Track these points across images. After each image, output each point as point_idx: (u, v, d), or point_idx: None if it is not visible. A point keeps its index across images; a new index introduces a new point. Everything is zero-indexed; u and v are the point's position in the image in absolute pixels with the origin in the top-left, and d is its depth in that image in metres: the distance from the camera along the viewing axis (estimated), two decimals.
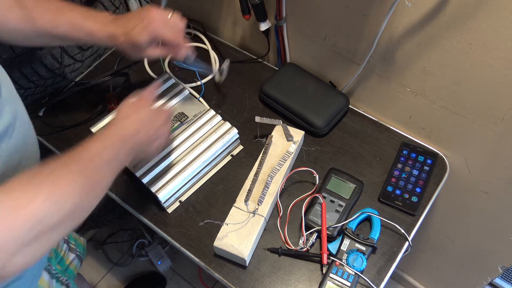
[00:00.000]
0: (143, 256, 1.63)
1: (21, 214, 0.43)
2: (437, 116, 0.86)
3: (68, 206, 0.48)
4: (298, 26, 0.94)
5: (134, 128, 0.65)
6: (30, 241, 0.44)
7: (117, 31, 0.71)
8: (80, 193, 0.50)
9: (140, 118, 0.67)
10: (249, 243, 0.75)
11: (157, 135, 0.70)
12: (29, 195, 0.45)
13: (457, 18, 0.68)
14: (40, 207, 0.45)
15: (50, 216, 0.46)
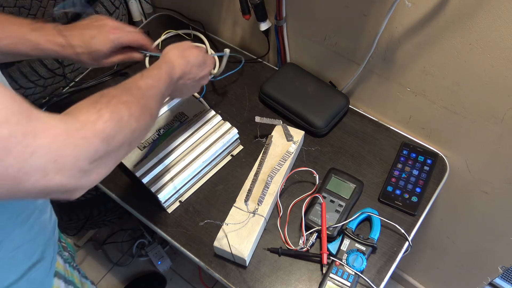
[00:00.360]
0: (143, 256, 1.63)
1: (90, 131, 0.47)
2: (437, 116, 0.86)
3: (127, 128, 0.52)
4: (298, 26, 0.94)
5: (182, 70, 0.69)
6: (99, 158, 0.47)
7: (73, 41, 0.71)
8: (136, 118, 0.54)
9: (188, 63, 0.71)
10: (249, 243, 0.75)
11: (200, 82, 0.76)
12: (94, 116, 0.48)
13: (457, 18, 0.68)
14: (106, 124, 0.48)
15: (114, 135, 0.49)
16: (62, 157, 0.43)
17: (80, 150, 0.45)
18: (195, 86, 0.76)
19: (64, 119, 0.46)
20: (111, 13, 1.05)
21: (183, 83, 0.71)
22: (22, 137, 0.40)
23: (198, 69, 0.74)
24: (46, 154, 0.42)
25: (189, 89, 0.75)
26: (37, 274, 0.64)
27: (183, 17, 1.15)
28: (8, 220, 0.56)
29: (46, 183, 0.42)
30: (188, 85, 0.73)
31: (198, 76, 0.74)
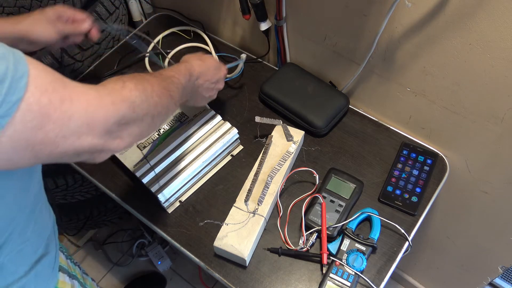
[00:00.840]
0: (143, 256, 1.63)
1: (118, 96, 0.50)
2: (437, 116, 0.86)
3: (151, 99, 0.56)
4: (298, 26, 0.94)
5: (199, 70, 0.73)
6: (125, 122, 0.51)
7: (25, 19, 0.73)
8: (158, 94, 0.57)
9: (205, 64, 0.75)
10: (249, 243, 0.75)
11: (215, 85, 0.79)
12: (120, 84, 0.52)
13: (457, 18, 0.68)
14: (132, 93, 0.52)
15: (139, 103, 0.53)
16: (94, 120, 0.46)
17: (110, 113, 0.48)
18: (211, 89, 0.79)
19: (94, 87, 0.49)
20: (111, 13, 1.05)
21: (201, 83, 0.74)
22: (60, 103, 0.43)
23: (214, 71, 0.78)
24: (81, 118, 0.45)
25: (206, 91, 0.77)
26: (43, 268, 0.65)
27: (183, 17, 1.15)
28: (18, 212, 0.57)
29: (80, 144, 0.46)
30: (205, 87, 0.76)
31: (214, 79, 0.78)
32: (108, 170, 0.90)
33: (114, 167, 0.90)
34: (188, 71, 0.70)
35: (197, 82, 0.73)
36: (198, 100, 0.79)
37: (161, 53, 1.06)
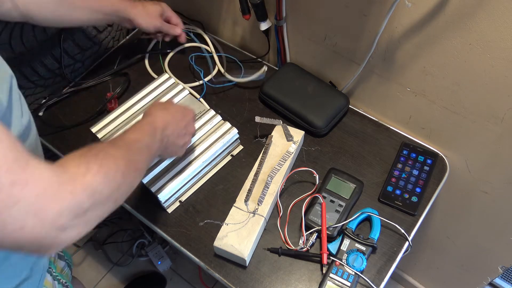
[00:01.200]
0: (143, 256, 1.63)
1: (78, 185, 0.46)
2: (437, 116, 0.86)
3: (114, 182, 0.51)
4: (298, 26, 0.94)
5: (164, 121, 0.69)
6: (82, 213, 0.46)
7: (135, 4, 0.92)
8: (123, 172, 0.54)
9: (169, 113, 0.71)
10: (249, 243, 0.75)
11: (186, 130, 0.74)
12: (84, 168, 0.48)
13: (457, 18, 0.68)
14: (94, 179, 0.48)
15: (101, 190, 0.49)
16: (45, 211, 0.42)
17: (66, 204, 0.44)
18: (183, 136, 0.74)
19: (57, 171, 0.45)
20: None
21: (169, 134, 0.70)
22: (9, 186, 0.40)
23: (181, 117, 0.73)
24: (29, 206, 0.41)
25: (178, 139, 0.73)
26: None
27: (183, 17, 1.15)
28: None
29: (21, 235, 0.41)
30: (176, 136, 0.72)
31: (182, 125, 0.73)
32: None
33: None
34: (151, 127, 0.66)
35: (165, 134, 0.69)
36: (173, 152, 0.75)
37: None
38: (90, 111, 0.98)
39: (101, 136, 0.87)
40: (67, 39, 0.99)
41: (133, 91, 0.97)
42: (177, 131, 0.72)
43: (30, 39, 0.92)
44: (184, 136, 0.74)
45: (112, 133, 0.88)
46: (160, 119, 0.68)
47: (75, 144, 0.93)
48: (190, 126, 0.76)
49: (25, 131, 0.60)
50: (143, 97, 0.93)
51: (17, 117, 0.57)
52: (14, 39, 0.89)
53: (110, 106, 0.97)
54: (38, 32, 0.94)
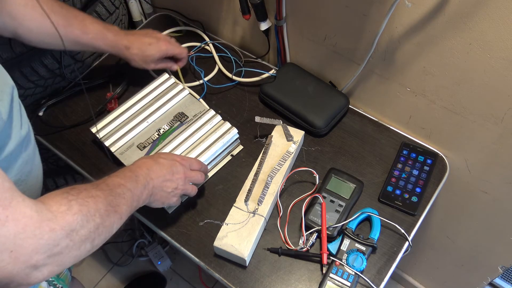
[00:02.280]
0: (143, 256, 1.63)
1: (57, 224, 0.46)
2: (437, 116, 0.86)
3: (93, 223, 0.52)
4: (298, 26, 0.94)
5: (148, 165, 0.69)
6: (58, 252, 0.47)
7: (133, 45, 0.88)
8: (102, 214, 0.54)
9: (153, 159, 0.71)
10: (249, 243, 0.75)
11: (172, 176, 0.72)
12: (65, 206, 0.48)
13: (457, 18, 0.68)
14: (73, 218, 0.48)
15: (79, 229, 0.49)
16: (21, 248, 0.42)
17: (43, 242, 0.44)
18: (170, 182, 0.72)
19: (39, 209, 0.45)
20: (111, 13, 1.05)
21: (153, 177, 0.68)
22: None
23: (168, 161, 0.72)
24: (6, 243, 0.41)
25: (164, 186, 0.71)
26: None
27: (183, 17, 1.15)
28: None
29: None
30: (160, 180, 0.70)
31: (167, 168, 0.71)
32: (108, 170, 0.90)
33: (114, 167, 0.90)
34: (133, 173, 0.65)
35: (149, 178, 0.68)
36: (163, 198, 0.72)
37: None
38: (90, 111, 0.98)
39: (101, 136, 0.87)
40: None
41: (133, 91, 0.97)
42: (162, 175, 0.70)
43: None
44: (171, 181, 0.71)
45: (112, 133, 0.88)
46: (144, 164, 0.69)
47: (75, 144, 0.94)
48: (177, 171, 0.72)
49: (24, 142, 0.60)
50: (143, 97, 0.93)
51: (17, 129, 0.58)
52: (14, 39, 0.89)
53: (110, 106, 0.97)
54: None
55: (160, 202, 0.72)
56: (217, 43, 1.08)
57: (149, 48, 0.89)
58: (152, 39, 0.91)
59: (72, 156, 0.93)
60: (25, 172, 0.63)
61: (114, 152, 0.86)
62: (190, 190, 0.76)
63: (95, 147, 0.93)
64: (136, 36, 0.90)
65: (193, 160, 0.78)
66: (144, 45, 0.89)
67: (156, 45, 0.90)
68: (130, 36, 0.89)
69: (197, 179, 0.77)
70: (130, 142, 0.87)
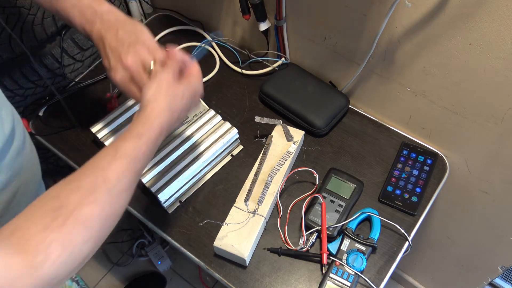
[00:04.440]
0: (143, 256, 1.63)
1: (34, 278, 0.40)
2: (437, 116, 0.86)
3: (79, 258, 0.45)
4: (298, 26, 0.94)
5: (168, 123, 0.58)
6: None
7: (107, 34, 0.63)
8: (95, 240, 0.47)
9: (174, 112, 0.59)
10: (249, 243, 0.75)
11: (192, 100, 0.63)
12: (41, 256, 0.41)
13: (457, 18, 0.68)
14: (53, 266, 0.41)
15: (60, 274, 0.43)
16: None
17: None
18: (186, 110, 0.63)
19: (9, 265, 0.39)
20: None
21: (172, 123, 0.60)
22: None
23: (189, 103, 0.62)
24: None
25: (180, 118, 0.62)
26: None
27: (183, 17, 1.15)
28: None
29: None
30: (177, 119, 0.61)
31: (187, 108, 0.63)
32: None
33: None
34: (152, 141, 0.55)
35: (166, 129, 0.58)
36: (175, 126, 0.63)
37: None
38: (90, 111, 0.98)
39: (101, 136, 0.87)
40: (67, 39, 0.99)
41: None
42: (180, 114, 0.61)
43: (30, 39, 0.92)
44: (188, 108, 0.63)
45: (112, 133, 0.88)
46: (166, 124, 0.57)
47: (75, 144, 0.94)
48: (195, 102, 0.65)
49: (9, 138, 0.58)
50: None
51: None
52: (14, 39, 0.89)
53: (110, 106, 0.97)
54: (38, 32, 0.94)
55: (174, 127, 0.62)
56: (216, 41, 1.08)
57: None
58: (128, 38, 0.64)
59: (72, 156, 0.93)
60: (16, 167, 0.60)
61: None
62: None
63: (95, 147, 0.93)
64: (115, 24, 0.66)
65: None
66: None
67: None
68: (106, 24, 0.65)
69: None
70: None
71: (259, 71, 1.03)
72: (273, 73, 1.00)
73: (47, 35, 0.96)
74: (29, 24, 0.90)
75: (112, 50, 0.61)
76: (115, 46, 0.61)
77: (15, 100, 0.97)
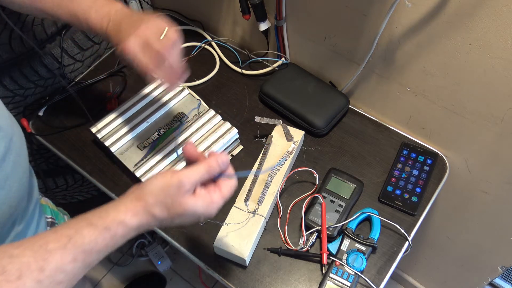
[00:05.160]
0: (143, 256, 1.63)
1: None
2: (437, 116, 0.86)
3: None
4: (298, 26, 0.94)
5: (160, 221, 0.51)
6: None
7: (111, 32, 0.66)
8: None
9: (173, 219, 0.51)
10: (249, 243, 0.75)
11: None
12: None
13: (457, 18, 0.68)
14: None
15: None
16: None
17: None
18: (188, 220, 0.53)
19: None
20: None
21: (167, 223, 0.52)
22: None
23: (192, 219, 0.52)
24: None
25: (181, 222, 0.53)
26: None
27: (183, 17, 1.15)
28: None
29: None
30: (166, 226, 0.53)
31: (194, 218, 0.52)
32: (108, 170, 0.90)
33: (114, 167, 0.90)
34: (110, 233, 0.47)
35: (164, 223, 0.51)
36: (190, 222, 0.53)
37: None
38: (90, 111, 0.98)
39: (101, 136, 0.87)
40: (67, 39, 1.00)
41: (133, 91, 0.97)
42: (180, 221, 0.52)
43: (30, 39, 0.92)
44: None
45: (112, 133, 0.87)
46: (154, 223, 0.50)
47: (75, 144, 0.94)
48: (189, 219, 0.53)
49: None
50: (143, 97, 0.93)
51: None
52: (14, 39, 0.89)
53: (110, 106, 0.97)
54: (38, 32, 0.94)
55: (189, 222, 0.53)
56: (216, 40, 1.08)
57: (125, 34, 0.65)
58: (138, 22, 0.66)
59: (72, 156, 0.93)
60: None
61: (114, 152, 0.86)
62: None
63: (95, 147, 0.93)
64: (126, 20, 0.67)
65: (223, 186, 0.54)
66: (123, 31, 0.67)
67: (135, 30, 0.65)
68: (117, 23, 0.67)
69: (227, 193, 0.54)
70: (130, 142, 0.87)
71: (259, 71, 1.03)
72: (273, 73, 1.00)
73: (47, 35, 0.96)
74: (29, 24, 0.90)
75: (126, 28, 0.63)
76: (128, 24, 0.64)
77: (15, 100, 0.97)
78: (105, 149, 0.88)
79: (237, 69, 1.04)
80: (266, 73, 1.03)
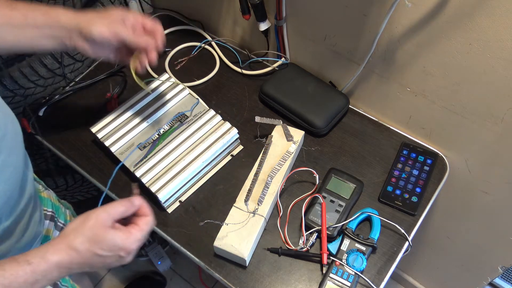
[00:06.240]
0: (143, 256, 1.63)
1: None
2: (437, 116, 0.86)
3: None
4: (298, 26, 0.94)
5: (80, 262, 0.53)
6: None
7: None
8: None
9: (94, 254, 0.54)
10: (249, 243, 0.75)
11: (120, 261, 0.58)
12: None
13: (457, 18, 0.68)
14: None
15: None
16: None
17: None
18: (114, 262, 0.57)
19: None
20: None
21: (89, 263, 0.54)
22: None
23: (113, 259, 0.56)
24: None
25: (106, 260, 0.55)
26: None
27: (183, 17, 1.15)
28: None
29: None
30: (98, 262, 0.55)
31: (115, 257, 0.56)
32: (108, 170, 0.90)
33: (114, 167, 0.90)
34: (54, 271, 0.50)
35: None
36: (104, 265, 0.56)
37: None
38: (90, 111, 0.98)
39: (101, 136, 0.87)
40: None
41: (133, 91, 0.97)
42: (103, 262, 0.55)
43: None
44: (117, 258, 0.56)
45: (112, 133, 0.88)
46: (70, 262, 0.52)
47: (75, 144, 0.94)
48: (129, 256, 0.57)
49: None
50: (143, 97, 0.93)
51: None
52: None
53: (110, 106, 0.97)
54: None
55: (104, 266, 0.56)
56: (216, 41, 1.08)
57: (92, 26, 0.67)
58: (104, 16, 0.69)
59: (72, 156, 0.93)
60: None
61: (114, 152, 0.86)
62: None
63: (95, 147, 0.93)
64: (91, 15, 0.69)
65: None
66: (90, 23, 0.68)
67: (103, 21, 0.68)
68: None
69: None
70: (130, 142, 0.87)
71: (259, 71, 1.03)
72: (273, 73, 1.00)
73: None
74: None
75: (95, 16, 0.68)
76: (96, 15, 0.68)
77: (15, 100, 0.97)
78: (105, 149, 0.88)
79: (237, 69, 1.04)
80: (266, 73, 1.03)
